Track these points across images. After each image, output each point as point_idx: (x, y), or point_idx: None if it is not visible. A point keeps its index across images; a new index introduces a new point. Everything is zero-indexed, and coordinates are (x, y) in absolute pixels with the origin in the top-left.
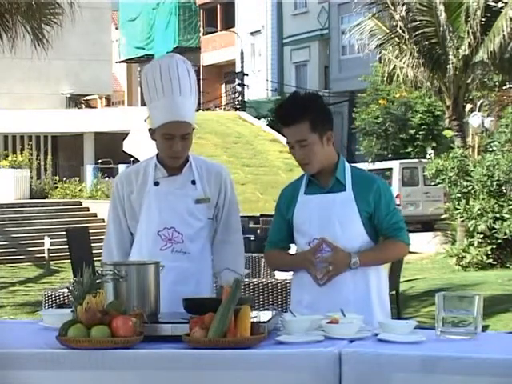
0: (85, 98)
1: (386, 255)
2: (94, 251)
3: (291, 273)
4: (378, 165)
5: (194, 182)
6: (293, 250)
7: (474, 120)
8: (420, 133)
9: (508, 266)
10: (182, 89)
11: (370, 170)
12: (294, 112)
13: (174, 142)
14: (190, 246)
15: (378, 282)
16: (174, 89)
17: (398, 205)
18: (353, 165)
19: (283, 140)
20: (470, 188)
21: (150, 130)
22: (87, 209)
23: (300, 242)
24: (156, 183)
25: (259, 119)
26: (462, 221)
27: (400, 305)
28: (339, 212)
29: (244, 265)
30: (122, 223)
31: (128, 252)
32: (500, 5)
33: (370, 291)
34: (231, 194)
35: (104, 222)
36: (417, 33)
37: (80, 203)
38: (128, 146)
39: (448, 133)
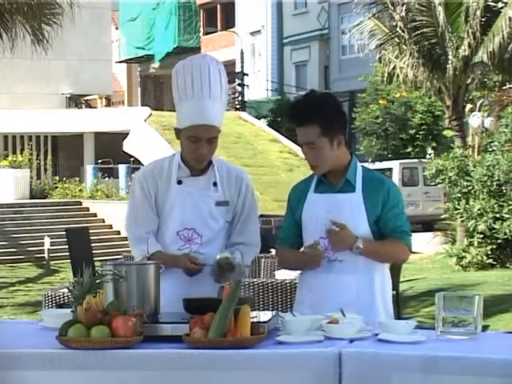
0: (85, 98)
1: (388, 251)
2: (93, 251)
3: (291, 273)
4: (378, 165)
5: (215, 184)
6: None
7: (474, 120)
8: (420, 133)
9: (508, 265)
10: (211, 92)
11: None
12: (305, 113)
13: (199, 144)
14: (206, 248)
15: (382, 283)
16: (203, 91)
17: None
18: (365, 166)
19: (283, 140)
20: (470, 188)
21: (175, 129)
22: (87, 209)
23: (307, 240)
24: (179, 182)
25: (259, 119)
26: (462, 221)
27: (400, 305)
28: (347, 212)
29: (251, 259)
30: (154, 215)
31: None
32: (500, 5)
33: (375, 292)
34: (252, 198)
35: (104, 222)
36: (416, 33)
37: (80, 203)
38: (128, 146)
39: (448, 133)
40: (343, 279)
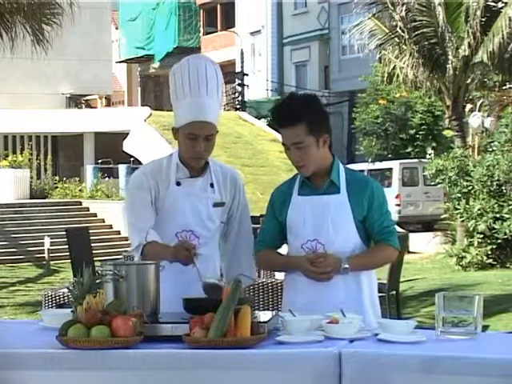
0: (85, 98)
1: (376, 260)
2: (94, 251)
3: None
4: (378, 165)
5: (212, 185)
6: (283, 250)
7: (474, 120)
8: (420, 133)
9: (508, 265)
10: (208, 90)
11: (370, 170)
12: (291, 114)
13: (197, 142)
14: (202, 249)
15: (369, 283)
16: (200, 89)
17: (398, 205)
18: (347, 166)
19: None
20: (470, 188)
21: (173, 129)
22: (87, 209)
23: (293, 243)
24: (178, 183)
25: (259, 119)
26: (462, 221)
27: (400, 305)
28: (333, 214)
29: (255, 268)
30: (153, 212)
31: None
32: (500, 5)
33: (362, 292)
34: (243, 199)
35: (104, 222)
36: (416, 33)
37: (80, 203)
38: (128, 146)
39: (448, 133)
40: (331, 280)
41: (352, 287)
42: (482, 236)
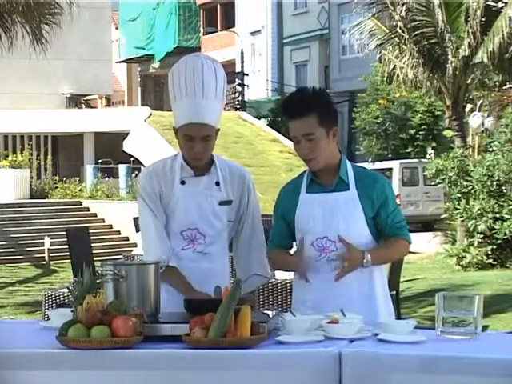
0: (85, 98)
1: (394, 253)
2: (94, 251)
3: (292, 273)
4: (378, 165)
5: (218, 184)
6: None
7: (474, 120)
8: (420, 133)
9: (508, 265)
10: (204, 90)
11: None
12: (302, 105)
13: (194, 143)
14: (210, 248)
15: (381, 280)
16: (196, 90)
17: (398, 205)
18: (354, 163)
19: (283, 140)
20: (470, 188)
21: (174, 128)
22: (87, 209)
23: (305, 242)
24: (182, 182)
25: (259, 119)
26: (462, 221)
27: (400, 305)
28: (343, 211)
29: (268, 266)
30: (160, 216)
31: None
32: (500, 5)
33: (375, 290)
34: (254, 197)
35: (104, 221)
36: (416, 33)
37: (80, 203)
38: (128, 146)
39: (448, 133)
40: (345, 278)
41: (365, 284)
42: (482, 236)
